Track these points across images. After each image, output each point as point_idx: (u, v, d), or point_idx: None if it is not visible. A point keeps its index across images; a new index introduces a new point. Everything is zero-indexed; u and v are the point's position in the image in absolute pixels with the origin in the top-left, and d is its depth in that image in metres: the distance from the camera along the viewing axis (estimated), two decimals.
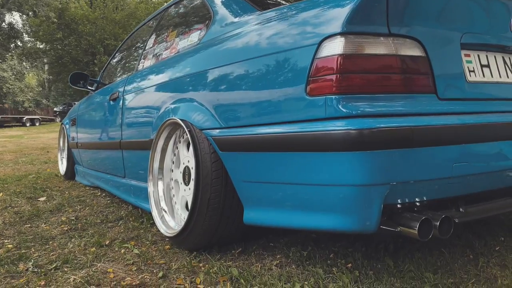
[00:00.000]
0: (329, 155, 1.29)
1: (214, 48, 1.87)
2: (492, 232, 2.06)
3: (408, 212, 1.35)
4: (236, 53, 1.70)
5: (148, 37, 2.86)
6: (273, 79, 1.49)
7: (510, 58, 1.65)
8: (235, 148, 1.63)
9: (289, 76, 1.43)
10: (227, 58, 1.73)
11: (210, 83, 1.80)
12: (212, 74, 1.80)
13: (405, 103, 1.34)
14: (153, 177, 2.15)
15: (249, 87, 1.59)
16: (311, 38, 1.38)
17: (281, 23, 1.55)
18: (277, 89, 1.47)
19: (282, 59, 1.47)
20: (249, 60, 1.60)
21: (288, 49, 1.45)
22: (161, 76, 2.26)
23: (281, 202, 1.52)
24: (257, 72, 1.56)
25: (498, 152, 1.45)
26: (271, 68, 1.51)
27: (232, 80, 1.68)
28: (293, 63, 1.43)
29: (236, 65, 1.67)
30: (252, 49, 1.62)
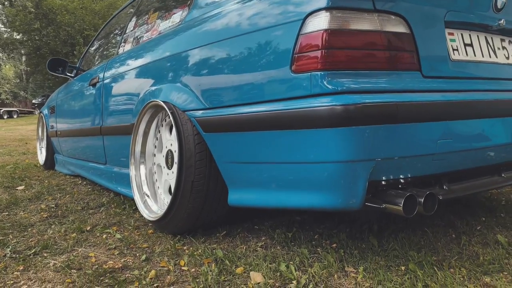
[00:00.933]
0: (314, 132, 1.27)
1: (197, 28, 1.83)
2: (473, 213, 2.09)
3: (392, 189, 1.35)
4: (220, 32, 1.67)
5: (129, 20, 2.80)
6: (257, 57, 1.47)
7: (493, 38, 1.66)
8: (219, 129, 1.61)
9: (274, 54, 1.41)
10: (210, 37, 1.70)
11: (193, 63, 1.76)
12: (195, 54, 1.76)
13: (390, 80, 1.34)
14: (135, 161, 2.11)
15: (233, 66, 1.56)
16: (295, 14, 1.36)
17: (265, 0, 1.52)
18: (262, 67, 1.44)
19: (266, 37, 1.44)
20: (233, 39, 1.58)
21: (272, 26, 1.43)
22: (143, 59, 2.21)
23: (266, 182, 1.50)
24: (241, 51, 1.53)
25: (481, 130, 1.46)
26: (255, 46, 1.48)
27: (215, 59, 1.65)
28: (277, 40, 1.40)
29: (220, 44, 1.64)
30: (236, 27, 1.59)
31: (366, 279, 1.38)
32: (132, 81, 2.27)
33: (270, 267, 1.47)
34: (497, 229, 1.84)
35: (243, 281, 1.39)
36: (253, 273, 1.43)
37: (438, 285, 1.32)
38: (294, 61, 1.34)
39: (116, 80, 2.48)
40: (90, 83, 2.87)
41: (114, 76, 2.51)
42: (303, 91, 1.31)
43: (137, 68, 2.23)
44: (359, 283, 1.35)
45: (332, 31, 1.28)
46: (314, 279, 1.38)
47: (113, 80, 2.52)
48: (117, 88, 2.47)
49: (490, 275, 1.40)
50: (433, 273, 1.41)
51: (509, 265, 1.48)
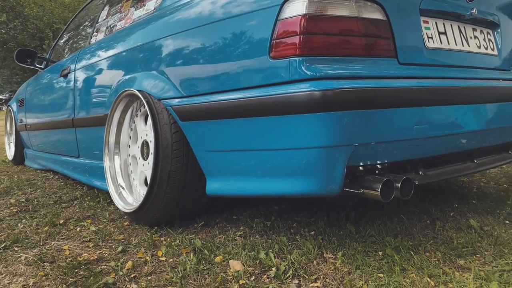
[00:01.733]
0: (294, 118, 1.27)
1: (173, 15, 1.79)
2: (447, 200, 2.14)
3: (369, 175, 1.36)
4: (196, 19, 1.64)
5: (101, 10, 2.72)
6: (235, 44, 1.45)
7: (465, 27, 1.69)
8: (196, 117, 1.58)
9: (251, 40, 1.40)
10: (187, 24, 1.67)
11: (169, 51, 1.73)
12: (171, 41, 1.73)
13: (367, 66, 1.35)
14: (109, 152, 2.06)
15: (210, 53, 1.54)
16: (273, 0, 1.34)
17: None
18: (239, 54, 1.43)
19: (243, 23, 1.43)
20: (210, 25, 1.55)
21: (249, 12, 1.41)
22: (116, 47, 2.15)
23: (245, 170, 1.49)
24: (218, 38, 1.51)
25: (454, 117, 1.49)
26: (232, 32, 1.46)
27: (192, 47, 1.62)
28: (255, 26, 1.39)
29: (196, 31, 1.61)
30: (213, 14, 1.57)
31: (345, 264, 1.39)
32: (105, 71, 2.21)
33: (250, 255, 1.47)
34: (469, 215, 1.89)
35: (222, 270, 1.38)
36: (232, 261, 1.42)
37: (415, 268, 1.35)
38: (273, 47, 1.33)
39: (89, 70, 2.41)
40: (61, 74, 2.78)
41: (87, 66, 2.44)
42: (282, 77, 1.31)
43: (111, 57, 2.17)
44: (338, 268, 1.36)
45: (310, 16, 1.28)
46: (293, 266, 1.38)
47: (85, 70, 2.45)
48: (89, 79, 2.40)
49: (464, 258, 1.43)
50: (409, 257, 1.43)
51: (481, 248, 1.52)
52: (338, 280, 1.29)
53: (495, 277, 1.27)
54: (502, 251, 1.48)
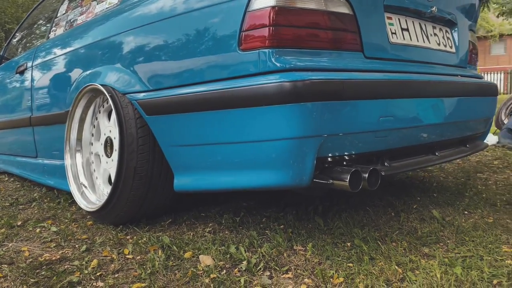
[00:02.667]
0: (264, 109, 1.27)
1: (139, 7, 1.74)
2: (409, 194, 2.20)
3: (338, 166, 1.38)
4: (164, 11, 1.61)
5: (60, 4, 2.62)
6: (203, 36, 1.43)
7: (426, 25, 1.75)
8: (163, 111, 1.55)
9: (220, 32, 1.39)
10: (154, 17, 1.63)
11: (135, 44, 1.69)
12: (136, 34, 1.69)
13: (334, 59, 1.37)
14: (70, 149, 1.98)
15: (178, 45, 1.51)
16: None
17: None
18: (208, 46, 1.41)
19: (212, 14, 1.42)
20: (177, 17, 1.53)
21: (218, 3, 1.40)
22: (78, 41, 2.08)
23: (214, 163, 1.47)
24: (186, 29, 1.49)
25: (418, 109, 1.53)
26: (201, 24, 1.45)
27: (159, 39, 1.59)
28: (224, 18, 1.38)
29: (163, 23, 1.58)
30: (180, 5, 1.54)
31: (315, 255, 1.40)
32: (66, 66, 2.13)
33: (220, 250, 1.45)
34: (431, 207, 1.96)
35: (192, 265, 1.36)
36: (203, 256, 1.40)
37: (383, 257, 1.38)
38: (242, 39, 1.33)
39: (48, 66, 2.31)
40: (17, 71, 2.66)
41: (45, 62, 2.34)
42: (251, 69, 1.31)
43: (72, 51, 2.09)
44: (308, 259, 1.37)
45: (280, 8, 1.28)
46: (264, 258, 1.38)
47: (44, 66, 2.35)
48: (49, 74, 2.30)
49: (428, 246, 1.48)
50: (377, 247, 1.46)
51: (444, 236, 1.57)
52: (309, 271, 1.29)
53: (459, 263, 1.32)
54: (464, 239, 1.54)
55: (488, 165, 3.11)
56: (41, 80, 2.36)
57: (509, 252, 1.41)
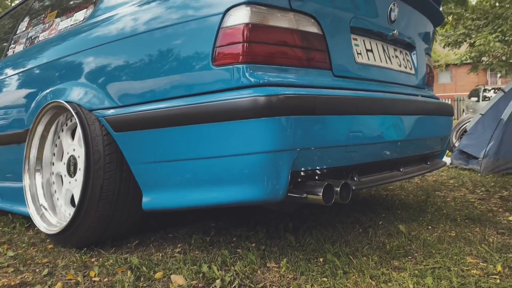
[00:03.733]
0: (238, 124, 1.27)
1: (109, 23, 1.72)
2: (374, 211, 2.25)
3: (310, 180, 1.39)
4: (134, 27, 1.59)
5: (20, 21, 2.54)
6: (176, 51, 1.43)
7: (388, 47, 1.84)
8: (132, 127, 1.52)
9: (193, 47, 1.39)
10: (123, 33, 1.61)
11: (103, 60, 1.66)
12: (105, 50, 1.66)
13: (306, 76, 1.41)
14: (29, 168, 1.88)
15: (149, 61, 1.50)
16: (216, 8, 1.36)
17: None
18: (181, 61, 1.41)
19: (184, 30, 1.42)
20: (149, 33, 1.52)
21: (191, 20, 1.41)
22: (41, 58, 2.01)
23: (186, 180, 1.44)
24: (158, 45, 1.48)
25: (384, 126, 1.59)
26: (173, 39, 1.44)
27: (129, 55, 1.57)
28: (197, 34, 1.39)
29: (134, 39, 1.57)
30: (152, 20, 1.54)
31: (289, 271, 1.39)
32: (28, 83, 2.05)
33: (192, 269, 1.41)
34: (396, 223, 2.01)
35: (164, 285, 1.31)
36: (174, 276, 1.36)
37: (356, 271, 1.39)
38: (215, 54, 1.33)
39: (6, 83, 2.22)
40: None
41: (3, 79, 2.24)
42: (225, 84, 1.31)
43: (34, 68, 2.02)
44: (283, 275, 1.36)
45: (253, 25, 1.31)
46: (238, 276, 1.35)
47: (3, 82, 2.25)
48: (6, 92, 2.20)
49: (398, 260, 1.51)
50: (349, 261, 1.47)
51: (412, 250, 1.61)
52: (284, 286, 1.28)
53: (428, 274, 1.35)
54: (431, 252, 1.58)
55: (445, 184, 3.24)
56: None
57: (473, 263, 1.47)
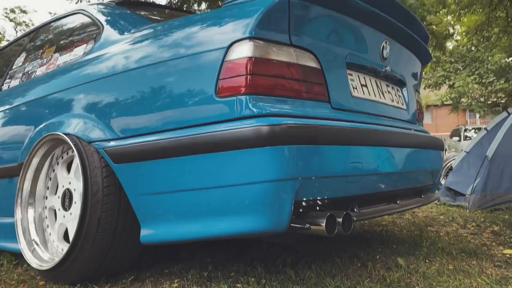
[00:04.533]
0: (241, 153, 1.28)
1: (109, 57, 1.75)
2: (370, 245, 2.24)
3: (312, 211, 1.40)
4: (135, 60, 1.62)
5: (17, 56, 2.56)
6: (179, 84, 1.46)
7: (381, 83, 1.91)
8: (133, 159, 1.51)
9: (196, 80, 1.42)
10: (125, 66, 1.64)
11: (104, 93, 1.68)
12: (105, 83, 1.68)
13: (306, 108, 1.44)
14: (22, 202, 1.84)
15: (151, 93, 1.52)
16: (220, 43, 1.40)
17: (188, 30, 1.55)
18: (184, 93, 1.44)
19: (188, 64, 1.45)
20: (151, 66, 1.55)
21: (194, 53, 1.45)
22: (38, 91, 2.02)
23: (186, 211, 1.43)
24: (161, 77, 1.51)
25: (383, 156, 1.62)
26: (176, 72, 1.48)
27: (131, 88, 1.59)
28: (200, 67, 1.42)
29: (137, 72, 1.59)
30: (154, 54, 1.57)
31: None
32: (23, 116, 2.04)
33: None
34: (393, 257, 2.00)
35: None
36: None
37: None
38: (219, 86, 1.37)
39: (1, 117, 2.20)
40: None
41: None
42: (228, 114, 1.34)
43: (31, 101, 2.02)
44: None
45: (256, 59, 1.35)
46: None
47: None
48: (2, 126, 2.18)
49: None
50: None
51: (413, 282, 1.60)
52: None
53: None
54: (431, 284, 1.57)
55: (436, 219, 3.26)
56: None
57: None
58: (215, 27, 1.49)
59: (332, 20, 1.59)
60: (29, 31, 2.69)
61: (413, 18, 2.03)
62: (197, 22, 1.57)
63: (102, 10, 2.07)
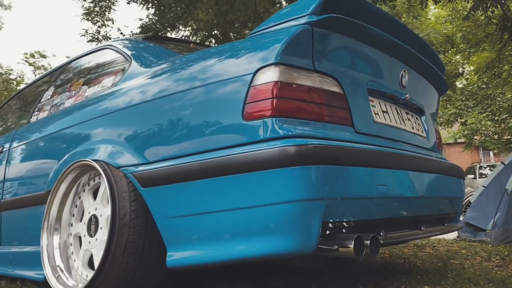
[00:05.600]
0: (269, 173, 1.31)
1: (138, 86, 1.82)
2: (394, 275, 2.20)
3: (339, 233, 1.40)
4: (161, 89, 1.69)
5: (45, 90, 2.67)
6: (207, 108, 1.51)
7: (401, 110, 1.94)
8: (161, 182, 1.54)
9: (224, 104, 1.47)
10: (153, 94, 1.71)
11: (133, 120, 1.74)
12: (134, 111, 1.74)
13: (330, 131, 1.48)
14: (48, 227, 1.86)
15: (179, 119, 1.58)
16: (246, 69, 1.46)
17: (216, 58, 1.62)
18: (211, 117, 1.49)
19: (216, 89, 1.51)
20: (180, 93, 1.61)
21: (223, 80, 1.51)
22: (66, 121, 2.09)
23: (214, 233, 1.44)
24: (188, 103, 1.57)
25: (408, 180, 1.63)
26: (204, 98, 1.54)
27: (160, 114, 1.65)
28: (228, 92, 1.48)
29: (162, 100, 1.66)
30: (183, 81, 1.64)
31: None
32: (52, 145, 2.11)
33: None
34: (419, 287, 1.96)
35: None
36: None
37: None
38: (246, 110, 1.41)
39: (30, 147, 2.27)
40: None
41: (27, 143, 2.30)
42: (255, 136, 1.38)
43: (60, 131, 2.09)
44: None
45: (282, 83, 1.40)
46: None
47: (25, 147, 2.31)
48: (29, 155, 2.26)
49: None
50: None
51: None
52: None
53: None
54: None
55: (458, 253, 3.19)
56: (19, 161, 2.30)
57: None
58: (241, 56, 1.56)
59: (353, 48, 1.66)
60: (57, 67, 2.81)
61: (429, 49, 2.09)
62: (224, 51, 1.65)
63: (129, 45, 2.18)
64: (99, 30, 9.31)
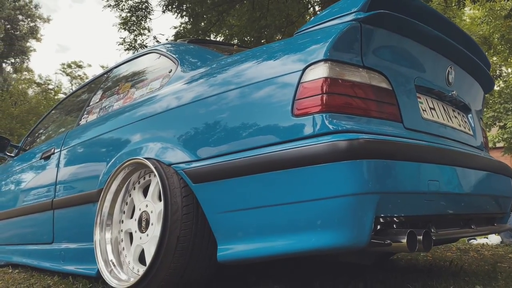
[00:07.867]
0: (321, 167, 1.32)
1: (187, 86, 1.88)
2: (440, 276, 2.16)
3: (390, 228, 1.39)
4: (212, 88, 1.74)
5: (93, 94, 2.78)
6: (256, 106, 1.55)
7: (447, 107, 1.92)
8: (212, 178, 1.58)
9: (274, 101, 1.50)
10: (203, 93, 1.76)
11: (182, 119, 1.79)
12: (186, 110, 1.79)
13: (379, 126, 1.48)
14: (101, 223, 1.94)
15: (229, 117, 1.62)
16: (296, 66, 1.49)
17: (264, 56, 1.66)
18: (261, 114, 1.52)
19: (265, 87, 1.54)
20: (230, 92, 1.65)
21: (272, 77, 1.54)
22: (116, 122, 2.17)
23: (266, 228, 1.46)
24: (238, 101, 1.61)
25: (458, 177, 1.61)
26: (254, 96, 1.57)
27: (209, 113, 1.69)
28: (277, 89, 1.51)
29: (212, 99, 1.70)
30: (230, 82, 1.68)
31: None
32: (103, 145, 2.20)
33: None
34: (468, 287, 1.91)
35: None
36: None
37: None
38: (295, 106, 1.44)
39: (81, 148, 2.38)
40: (43, 156, 2.70)
41: (78, 144, 2.41)
42: (305, 132, 1.40)
43: (111, 131, 2.17)
44: None
45: (331, 79, 1.42)
46: None
47: (76, 148, 2.41)
48: (81, 155, 2.36)
49: None
50: None
51: None
52: None
53: None
54: None
55: (505, 257, 3.09)
56: (71, 162, 2.40)
57: None
58: (289, 53, 1.59)
59: (400, 44, 1.66)
60: (104, 72, 2.93)
61: (475, 45, 2.06)
62: (272, 50, 1.68)
63: (176, 48, 2.25)
64: (136, 39, 9.58)
